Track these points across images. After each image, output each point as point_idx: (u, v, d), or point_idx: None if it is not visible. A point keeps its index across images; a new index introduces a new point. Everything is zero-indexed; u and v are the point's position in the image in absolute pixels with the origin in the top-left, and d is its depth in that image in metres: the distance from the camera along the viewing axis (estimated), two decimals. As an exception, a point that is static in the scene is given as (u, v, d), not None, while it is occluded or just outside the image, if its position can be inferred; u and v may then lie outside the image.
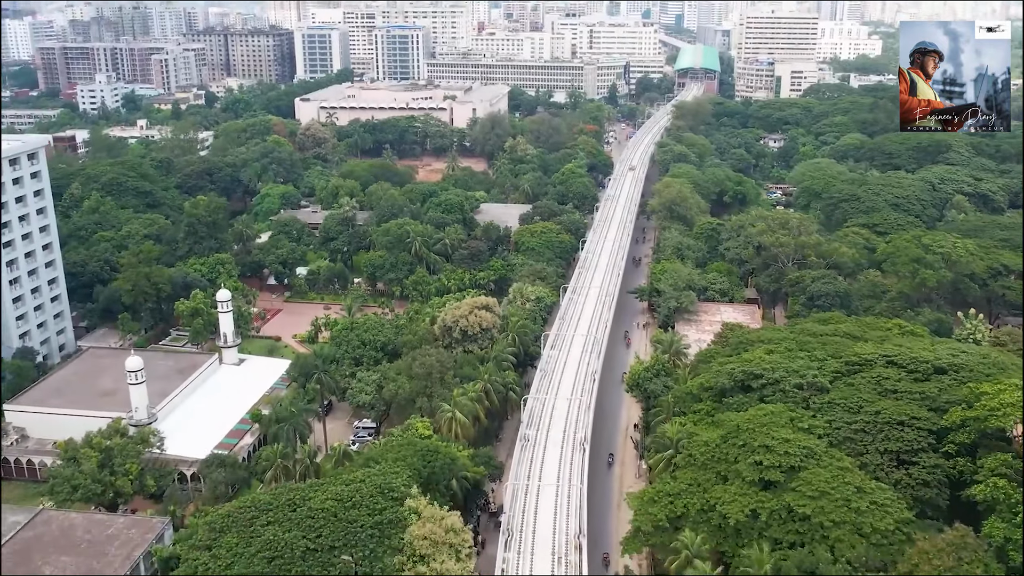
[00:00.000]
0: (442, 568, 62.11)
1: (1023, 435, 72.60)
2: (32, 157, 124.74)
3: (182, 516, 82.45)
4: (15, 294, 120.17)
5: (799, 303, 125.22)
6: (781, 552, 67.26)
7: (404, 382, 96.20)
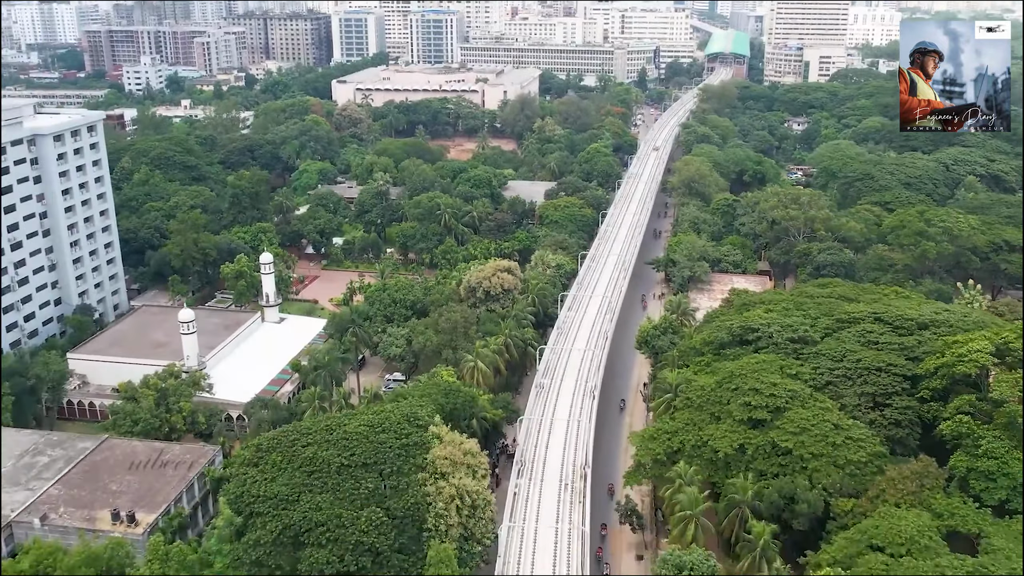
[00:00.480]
0: (460, 484, 70.61)
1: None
2: (91, 129, 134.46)
3: (229, 448, 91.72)
4: (75, 255, 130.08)
5: (806, 273, 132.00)
6: (764, 481, 75.16)
7: (431, 335, 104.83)
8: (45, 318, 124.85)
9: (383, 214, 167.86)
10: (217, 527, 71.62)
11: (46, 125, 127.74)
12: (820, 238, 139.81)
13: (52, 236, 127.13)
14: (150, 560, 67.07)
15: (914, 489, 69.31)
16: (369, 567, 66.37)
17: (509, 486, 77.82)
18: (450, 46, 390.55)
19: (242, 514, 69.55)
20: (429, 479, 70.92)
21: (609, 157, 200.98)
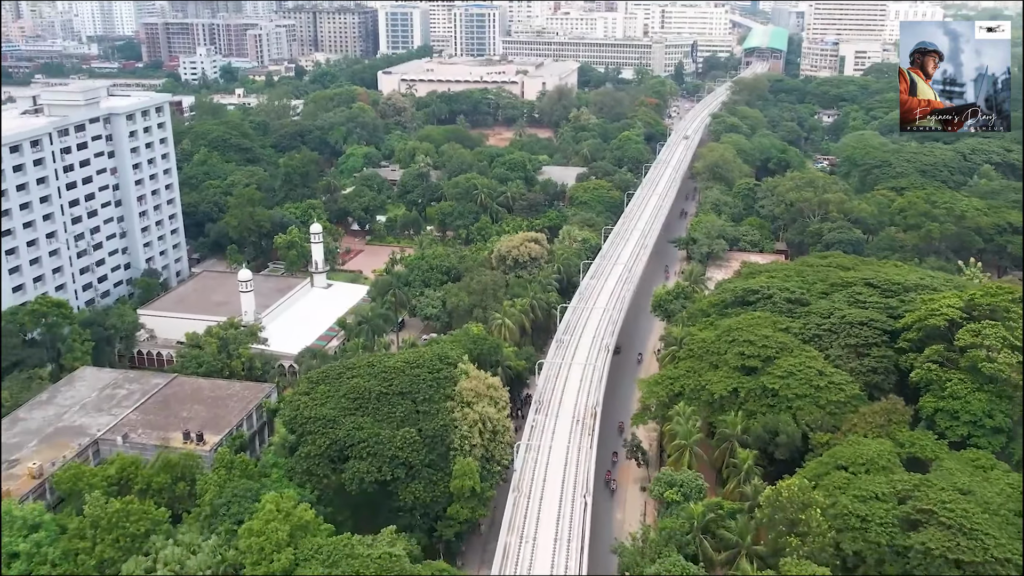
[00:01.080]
0: (482, 411, 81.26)
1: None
2: (159, 110, 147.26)
3: (283, 390, 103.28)
4: (143, 224, 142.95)
5: (816, 251, 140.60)
6: (753, 419, 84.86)
7: (463, 297, 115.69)
8: (116, 280, 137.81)
9: (424, 194, 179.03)
10: (274, 443, 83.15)
11: (119, 105, 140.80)
12: (832, 219, 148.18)
13: (123, 206, 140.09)
14: (216, 468, 78.67)
15: (882, 423, 78.62)
16: (403, 477, 77.30)
17: (527, 421, 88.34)
18: (492, 40, 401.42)
19: (295, 433, 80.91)
20: (456, 407, 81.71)
21: (640, 144, 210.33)
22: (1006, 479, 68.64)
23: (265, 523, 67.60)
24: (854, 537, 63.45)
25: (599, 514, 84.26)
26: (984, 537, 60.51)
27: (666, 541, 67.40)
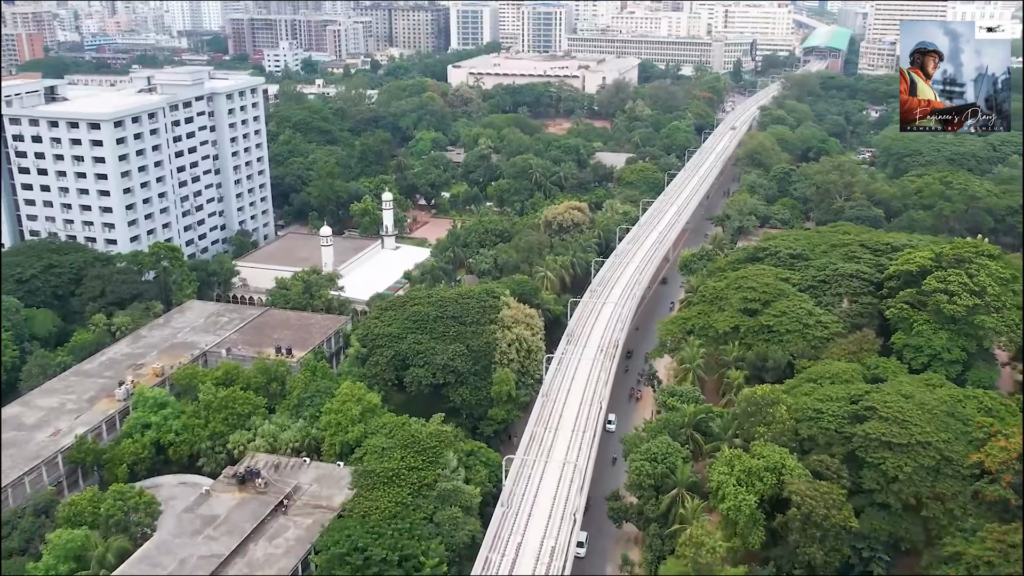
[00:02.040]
0: (519, 333, 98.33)
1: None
2: (253, 92, 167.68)
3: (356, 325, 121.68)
4: (237, 191, 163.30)
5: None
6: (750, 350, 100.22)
7: (512, 253, 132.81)
8: (214, 238, 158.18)
9: (484, 174, 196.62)
10: (348, 355, 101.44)
11: (220, 86, 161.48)
12: (856, 200, 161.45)
13: (221, 174, 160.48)
14: (302, 372, 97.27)
15: (854, 351, 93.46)
16: (452, 383, 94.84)
17: (557, 351, 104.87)
18: (558, 37, 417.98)
19: (366, 347, 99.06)
20: (498, 329, 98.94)
21: (688, 134, 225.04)
22: (947, 391, 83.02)
23: (341, 403, 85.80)
24: (809, 425, 78.77)
25: (621, 418, 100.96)
26: (912, 427, 75.17)
27: (661, 428, 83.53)
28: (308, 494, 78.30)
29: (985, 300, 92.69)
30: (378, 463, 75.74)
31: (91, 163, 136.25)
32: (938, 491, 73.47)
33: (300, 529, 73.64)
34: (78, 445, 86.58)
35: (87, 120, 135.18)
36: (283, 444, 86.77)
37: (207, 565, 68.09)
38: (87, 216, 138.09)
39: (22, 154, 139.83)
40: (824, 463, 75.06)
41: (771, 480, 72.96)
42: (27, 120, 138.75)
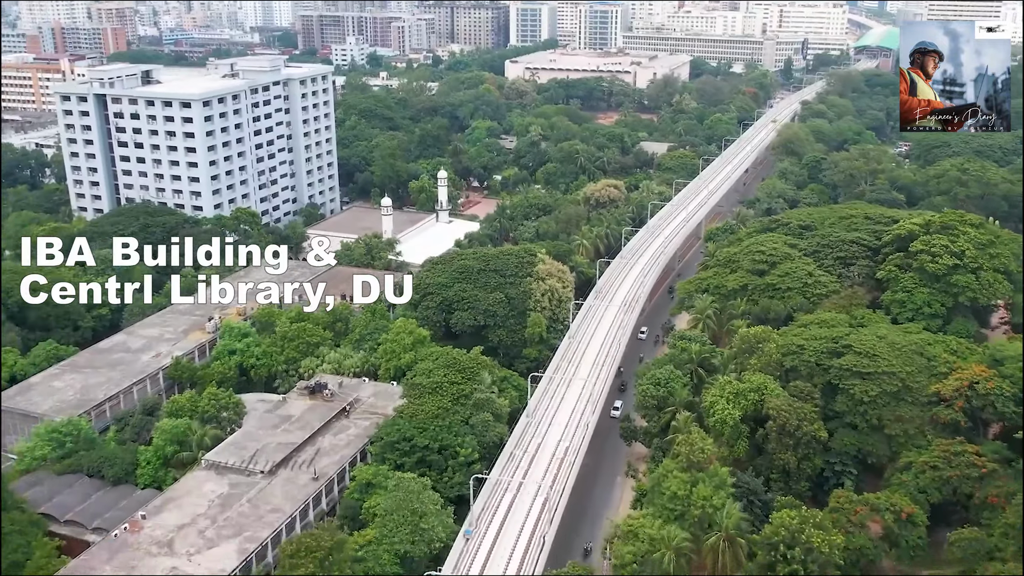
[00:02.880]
0: (551, 285, 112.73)
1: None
2: (324, 79, 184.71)
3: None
4: (307, 168, 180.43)
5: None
6: (755, 304, 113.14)
7: (552, 224, 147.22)
8: (286, 209, 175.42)
9: (534, 159, 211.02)
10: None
11: (295, 73, 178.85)
12: (879, 184, 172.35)
13: (294, 153, 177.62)
14: (363, 314, 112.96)
15: (844, 304, 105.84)
16: (492, 325, 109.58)
17: (585, 303, 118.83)
18: (614, 35, 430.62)
19: (418, 293, 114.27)
20: (533, 281, 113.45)
21: (729, 125, 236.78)
22: (919, 336, 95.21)
23: (395, 335, 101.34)
24: (793, 358, 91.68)
25: (646, 357, 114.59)
26: (881, 360, 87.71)
27: (667, 361, 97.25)
28: (366, 404, 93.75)
29: (964, 261, 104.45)
30: (425, 378, 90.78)
31: (182, 138, 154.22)
32: (899, 414, 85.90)
33: (359, 428, 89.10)
34: (175, 364, 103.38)
35: (180, 99, 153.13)
36: (346, 369, 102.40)
37: (284, 449, 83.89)
38: (177, 185, 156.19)
39: (121, 129, 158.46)
40: (801, 388, 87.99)
41: (754, 399, 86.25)
42: (127, 100, 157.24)
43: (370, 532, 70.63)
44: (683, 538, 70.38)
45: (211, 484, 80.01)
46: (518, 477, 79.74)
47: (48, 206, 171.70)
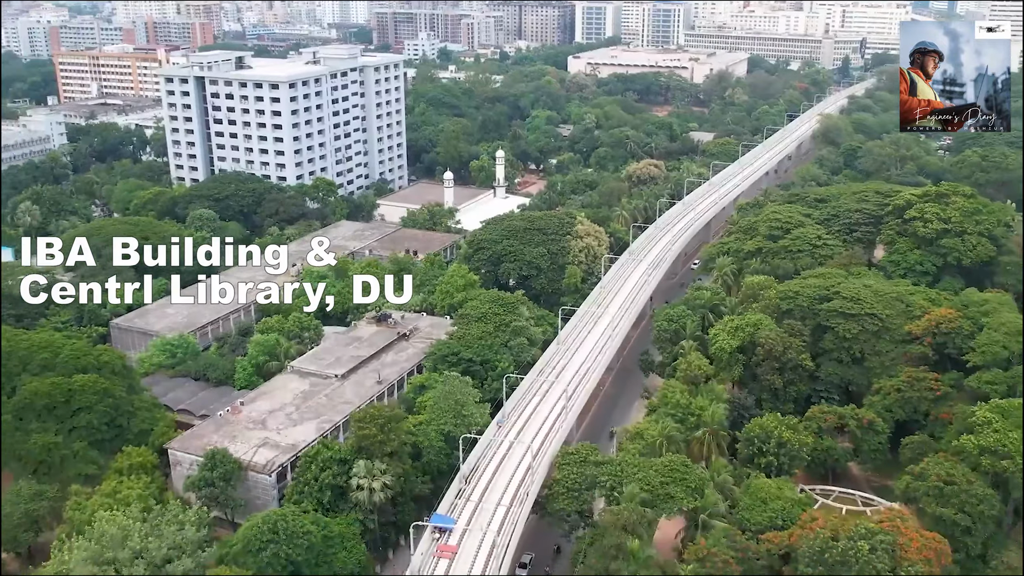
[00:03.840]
0: (587, 243, 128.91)
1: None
2: (396, 67, 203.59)
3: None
4: (379, 147, 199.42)
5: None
6: (768, 264, 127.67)
7: (595, 197, 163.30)
8: (359, 184, 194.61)
9: (587, 144, 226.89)
10: (457, 254, 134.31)
11: (370, 61, 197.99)
12: (907, 170, 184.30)
13: (367, 133, 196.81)
14: (424, 265, 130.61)
15: (845, 263, 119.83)
16: (535, 275, 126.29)
17: (618, 260, 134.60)
18: (676, 33, 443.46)
19: (471, 248, 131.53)
20: (572, 239, 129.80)
21: (776, 117, 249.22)
22: (904, 287, 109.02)
23: (449, 278, 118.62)
24: (788, 301, 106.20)
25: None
26: (865, 303, 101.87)
27: (683, 303, 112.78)
28: (423, 332, 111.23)
29: (951, 226, 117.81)
30: (472, 310, 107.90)
31: (270, 116, 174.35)
32: (877, 349, 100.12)
33: (416, 349, 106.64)
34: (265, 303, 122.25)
35: (269, 82, 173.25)
36: (408, 307, 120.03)
37: (354, 360, 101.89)
38: (264, 157, 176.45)
39: (216, 108, 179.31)
40: (793, 326, 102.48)
41: (751, 332, 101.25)
42: (222, 82, 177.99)
43: (422, 416, 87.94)
44: (673, 427, 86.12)
45: (295, 384, 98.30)
46: (544, 387, 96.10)
47: (149, 176, 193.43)
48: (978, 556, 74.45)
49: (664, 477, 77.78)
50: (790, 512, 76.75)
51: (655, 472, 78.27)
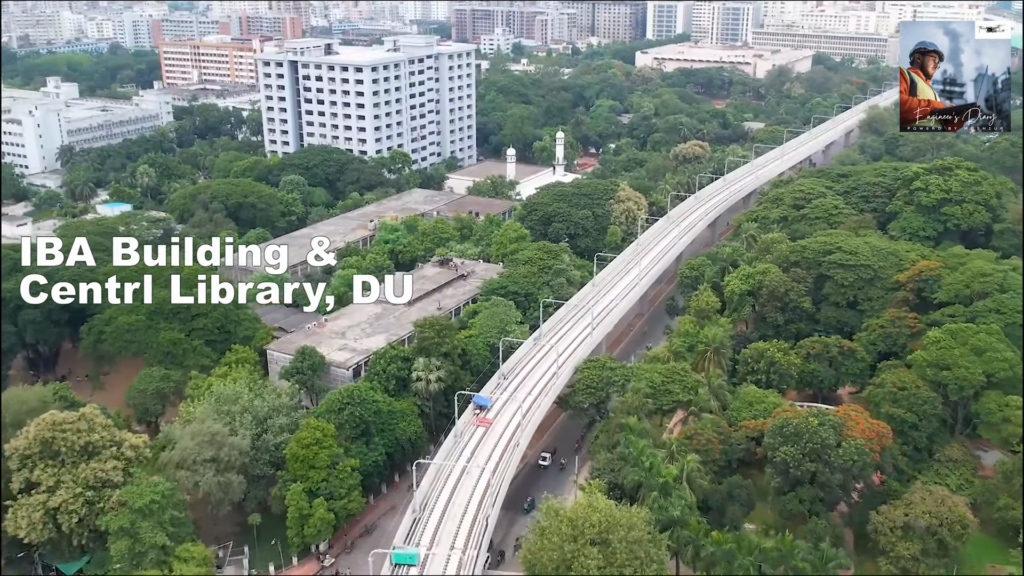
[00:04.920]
0: (627, 207, 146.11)
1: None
2: (467, 55, 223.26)
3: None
4: (450, 128, 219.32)
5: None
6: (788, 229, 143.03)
7: (643, 172, 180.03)
8: (432, 161, 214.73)
9: (644, 131, 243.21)
10: (514, 215, 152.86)
11: (444, 50, 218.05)
12: (940, 155, 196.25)
13: (440, 115, 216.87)
14: (484, 223, 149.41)
15: (855, 227, 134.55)
16: (579, 234, 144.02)
17: (656, 223, 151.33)
18: (744, 31, 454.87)
19: (526, 209, 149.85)
20: (614, 203, 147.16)
21: (827, 108, 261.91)
22: (900, 245, 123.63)
23: (504, 231, 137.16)
24: (796, 254, 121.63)
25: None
26: (861, 256, 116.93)
27: (706, 256, 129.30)
28: (479, 274, 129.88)
29: (951, 195, 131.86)
30: (521, 255, 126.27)
31: (354, 96, 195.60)
32: (869, 295, 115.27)
33: (472, 286, 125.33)
34: (346, 247, 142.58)
35: (354, 66, 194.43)
36: (467, 256, 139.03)
37: (419, 291, 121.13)
38: (348, 132, 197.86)
39: (307, 88, 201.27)
40: (797, 274, 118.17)
41: (759, 279, 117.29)
42: (313, 65, 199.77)
43: (472, 330, 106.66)
44: (680, 344, 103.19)
45: (369, 308, 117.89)
46: (576, 316, 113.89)
47: (245, 149, 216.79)
48: (924, 448, 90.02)
49: (665, 378, 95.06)
50: (770, 412, 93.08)
51: (658, 374, 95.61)
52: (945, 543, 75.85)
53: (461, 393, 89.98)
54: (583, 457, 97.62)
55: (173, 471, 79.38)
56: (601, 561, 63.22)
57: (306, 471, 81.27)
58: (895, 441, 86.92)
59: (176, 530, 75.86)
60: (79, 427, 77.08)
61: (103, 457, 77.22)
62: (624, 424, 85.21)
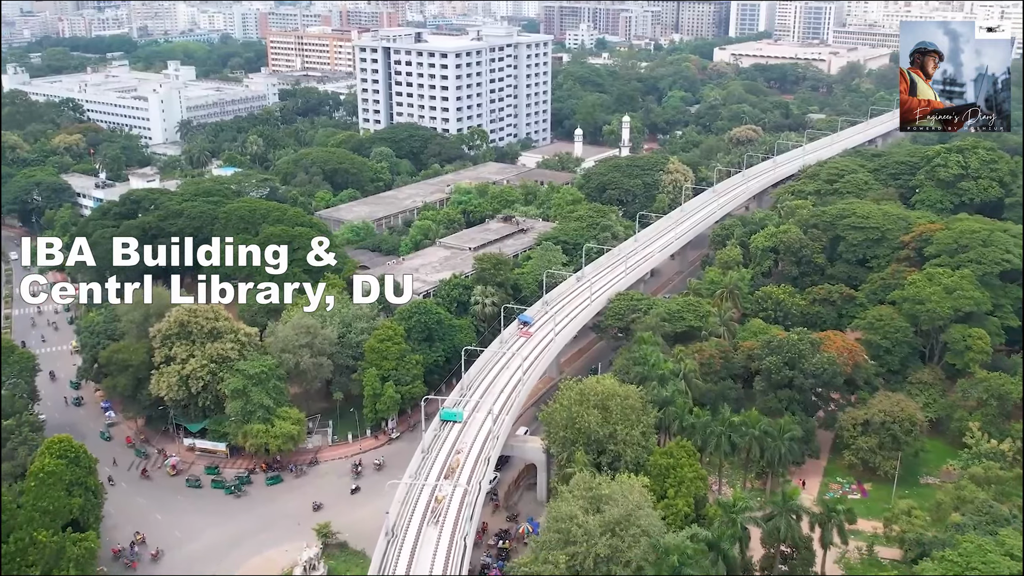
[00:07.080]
0: (675, 178, 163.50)
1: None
2: (544, 44, 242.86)
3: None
4: (526, 112, 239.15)
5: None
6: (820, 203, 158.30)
7: (697, 152, 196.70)
8: (508, 141, 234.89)
9: (709, 119, 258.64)
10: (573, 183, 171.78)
11: (522, 40, 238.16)
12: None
13: (517, 99, 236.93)
14: (547, 190, 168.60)
15: (879, 198, 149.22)
16: (630, 201, 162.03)
17: (702, 195, 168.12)
18: (825, 30, 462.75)
19: (584, 179, 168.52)
20: (663, 174, 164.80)
21: (891, 102, 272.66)
22: (917, 213, 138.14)
23: (562, 197, 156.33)
24: (816, 217, 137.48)
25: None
26: (871, 219, 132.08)
27: (738, 219, 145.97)
28: (537, 229, 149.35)
29: (967, 171, 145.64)
30: (572, 213, 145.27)
31: (439, 79, 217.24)
32: (876, 253, 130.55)
33: (530, 239, 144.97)
34: (423, 207, 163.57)
35: (440, 52, 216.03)
36: (529, 216, 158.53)
37: (483, 240, 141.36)
38: (432, 112, 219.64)
39: (398, 72, 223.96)
40: (815, 234, 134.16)
41: (781, 237, 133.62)
42: (403, 51, 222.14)
43: (525, 267, 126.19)
44: (699, 285, 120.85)
45: (440, 252, 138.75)
46: (615, 262, 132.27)
47: (341, 127, 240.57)
48: (897, 371, 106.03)
49: (681, 308, 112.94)
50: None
51: (676, 305, 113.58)
52: (897, 437, 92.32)
53: (507, 307, 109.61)
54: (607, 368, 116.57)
55: (278, 353, 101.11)
56: (599, 419, 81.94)
57: (379, 360, 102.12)
58: (870, 363, 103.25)
59: (278, 397, 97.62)
60: (208, 315, 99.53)
61: (225, 340, 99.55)
62: (640, 338, 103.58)
